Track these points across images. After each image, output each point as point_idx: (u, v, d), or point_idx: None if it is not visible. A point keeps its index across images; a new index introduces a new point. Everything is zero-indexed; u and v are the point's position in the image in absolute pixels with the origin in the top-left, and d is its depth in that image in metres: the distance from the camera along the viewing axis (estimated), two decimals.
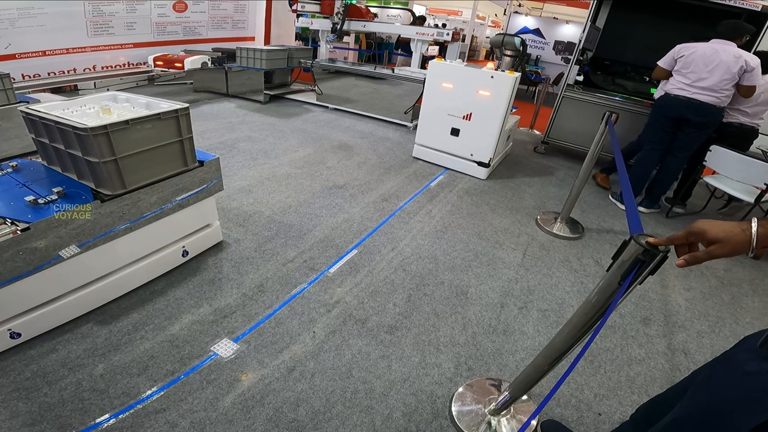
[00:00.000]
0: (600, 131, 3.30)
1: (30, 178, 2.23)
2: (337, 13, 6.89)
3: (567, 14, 14.76)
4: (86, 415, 1.72)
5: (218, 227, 2.95)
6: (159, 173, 2.34)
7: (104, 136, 1.97)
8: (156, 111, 2.22)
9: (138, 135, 2.14)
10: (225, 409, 1.82)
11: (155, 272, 2.58)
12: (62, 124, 2.01)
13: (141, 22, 7.11)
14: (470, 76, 4.38)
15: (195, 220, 2.74)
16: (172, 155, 2.39)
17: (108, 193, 2.11)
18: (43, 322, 2.11)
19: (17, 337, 2.04)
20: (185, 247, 2.72)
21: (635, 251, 1.11)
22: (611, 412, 2.03)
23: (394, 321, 2.44)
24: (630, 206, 1.47)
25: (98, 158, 2.00)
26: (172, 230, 2.60)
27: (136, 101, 2.54)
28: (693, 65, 3.82)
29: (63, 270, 2.06)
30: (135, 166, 2.18)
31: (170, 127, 2.31)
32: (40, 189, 2.10)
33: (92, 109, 2.36)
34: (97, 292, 2.28)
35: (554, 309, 2.71)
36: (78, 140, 2.00)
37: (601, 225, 3.96)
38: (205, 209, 2.77)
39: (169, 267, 2.66)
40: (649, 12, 5.54)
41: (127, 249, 2.35)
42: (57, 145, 2.16)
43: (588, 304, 1.33)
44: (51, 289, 2.09)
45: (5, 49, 5.57)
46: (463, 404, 1.96)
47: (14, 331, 2.01)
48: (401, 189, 4.17)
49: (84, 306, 2.26)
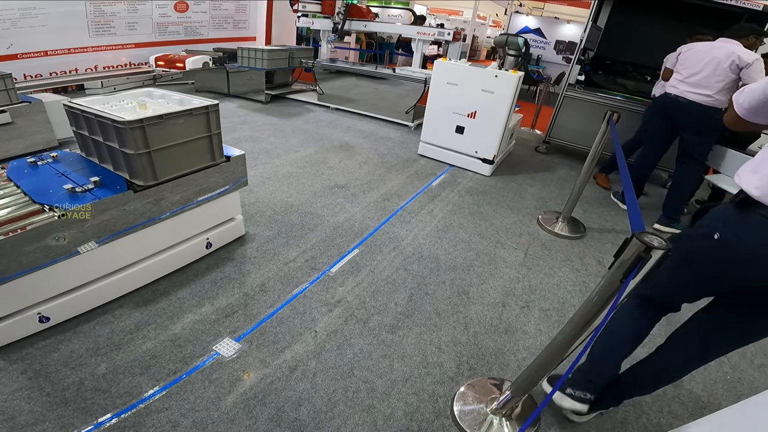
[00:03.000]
0: (601, 131, 3.30)
1: (69, 168, 2.37)
2: (338, 13, 6.89)
3: (568, 14, 14.74)
4: (88, 415, 1.73)
5: (241, 221, 3.05)
6: (188, 167, 2.46)
7: (140, 129, 2.10)
8: (188, 107, 2.36)
9: (170, 129, 2.26)
10: (227, 408, 1.82)
11: (181, 262, 2.68)
12: (102, 117, 2.15)
13: (142, 22, 7.13)
14: (475, 75, 4.40)
15: (219, 214, 2.85)
16: (201, 150, 2.52)
17: (141, 183, 2.23)
18: (72, 307, 2.21)
19: (46, 321, 2.13)
20: (209, 239, 2.82)
21: (637, 249, 1.11)
22: (613, 411, 2.02)
23: (396, 320, 2.43)
24: (631, 204, 1.47)
25: (134, 150, 2.12)
26: (198, 222, 2.71)
27: (170, 97, 2.67)
28: (688, 61, 3.75)
29: (93, 257, 2.17)
30: (166, 159, 2.29)
31: (200, 123, 2.43)
32: (78, 178, 2.22)
33: (130, 104, 2.51)
34: (125, 279, 2.39)
35: (556, 308, 2.71)
36: (116, 133, 2.13)
37: (602, 224, 3.95)
38: (230, 203, 2.88)
39: (193, 258, 2.76)
40: (651, 12, 5.53)
41: (156, 238, 2.46)
42: (96, 137, 2.30)
43: (590, 302, 1.33)
44: (82, 274, 2.19)
45: (7, 49, 5.59)
46: (464, 404, 1.96)
47: (44, 315, 2.10)
48: (402, 188, 4.17)
49: (113, 292, 2.36)
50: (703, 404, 2.14)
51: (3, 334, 2.00)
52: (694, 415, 2.05)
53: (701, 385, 2.25)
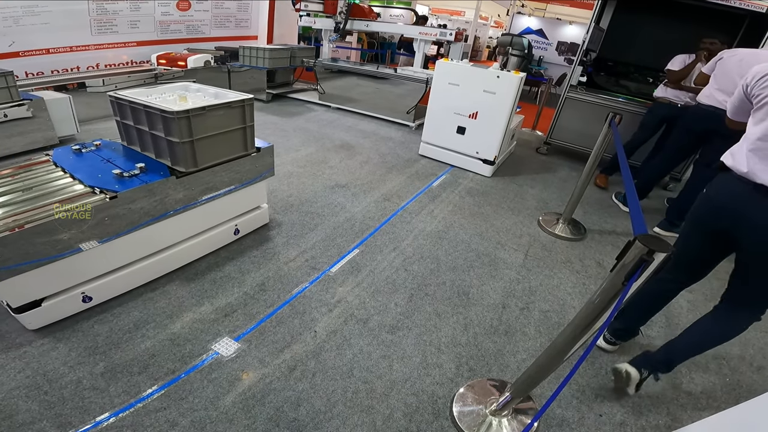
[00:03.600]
0: (603, 132, 3.29)
1: (112, 155, 2.54)
2: (341, 12, 6.89)
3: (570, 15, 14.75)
4: (86, 414, 1.72)
5: (266, 210, 3.22)
6: (224, 155, 2.64)
7: (185, 119, 2.28)
8: (226, 100, 2.54)
9: (211, 120, 2.45)
10: (225, 408, 1.82)
11: (212, 246, 2.86)
12: (150, 108, 2.32)
13: (144, 20, 7.12)
14: (476, 75, 4.40)
15: (247, 202, 3.03)
16: (236, 140, 2.70)
17: (182, 170, 2.40)
18: (112, 288, 2.35)
19: (88, 301, 2.27)
20: (237, 225, 2.99)
21: (639, 252, 1.11)
22: (612, 413, 2.02)
23: (396, 321, 2.43)
24: (634, 207, 1.46)
25: (179, 138, 2.30)
26: (229, 209, 2.88)
27: (207, 91, 2.84)
28: (728, 71, 3.46)
29: (136, 239, 2.32)
30: (206, 147, 2.48)
31: (237, 115, 2.62)
32: (124, 164, 2.39)
33: (171, 97, 2.69)
34: (163, 261, 2.56)
35: (556, 310, 2.70)
36: (163, 122, 2.31)
37: (602, 226, 3.94)
38: (257, 192, 3.07)
39: (222, 243, 2.93)
40: (654, 13, 5.51)
41: (192, 223, 2.65)
42: (141, 127, 2.46)
43: (591, 304, 1.33)
44: (126, 255, 2.35)
45: (9, 46, 5.59)
46: (464, 405, 1.96)
47: (87, 294, 2.24)
48: (403, 189, 4.16)
49: (149, 274, 2.51)
50: (702, 407, 2.13)
51: (52, 311, 2.13)
52: (693, 417, 2.05)
53: (700, 388, 2.24)
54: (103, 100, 6.12)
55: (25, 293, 2.03)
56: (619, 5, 5.59)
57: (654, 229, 3.94)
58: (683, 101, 4.31)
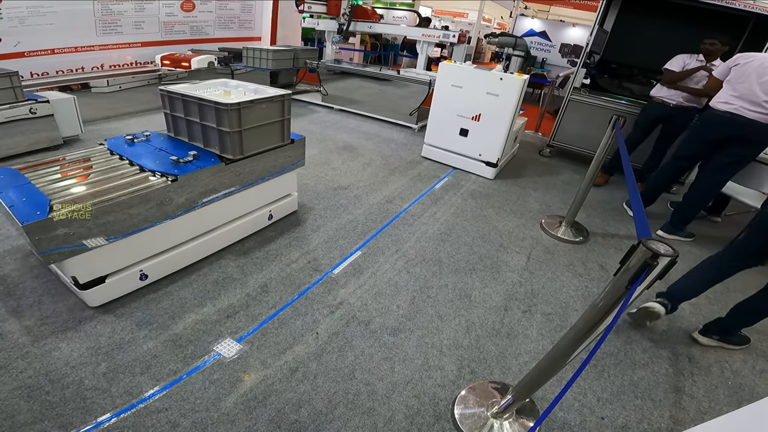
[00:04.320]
0: (606, 135, 3.28)
1: (163, 145, 2.75)
2: (344, 14, 6.88)
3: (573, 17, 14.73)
4: (88, 414, 1.72)
5: (296, 197, 3.46)
6: (265, 145, 2.89)
7: (236, 111, 2.52)
8: (268, 95, 2.78)
9: (256, 113, 2.69)
10: (227, 409, 1.82)
11: (250, 230, 3.11)
12: (204, 101, 2.55)
13: (149, 21, 7.15)
14: (479, 77, 4.40)
15: (280, 189, 3.26)
16: (275, 131, 2.96)
17: (230, 157, 2.64)
18: (165, 267, 2.56)
19: (145, 279, 2.46)
20: (271, 211, 3.23)
21: (643, 256, 1.10)
22: (614, 416, 2.02)
23: (398, 323, 2.43)
24: (638, 210, 1.46)
25: (229, 128, 2.54)
26: (265, 195, 3.13)
27: (246, 87, 3.04)
28: (745, 75, 3.36)
29: (189, 220, 2.54)
30: (251, 137, 2.72)
31: (277, 109, 2.87)
32: (177, 152, 2.59)
33: (217, 91, 2.89)
34: (209, 242, 2.79)
35: (558, 313, 2.69)
36: (216, 114, 2.54)
37: (605, 229, 3.93)
38: (289, 180, 3.31)
39: (258, 227, 3.17)
40: (657, 15, 5.50)
41: (235, 207, 2.88)
42: (192, 119, 2.70)
43: (594, 308, 1.32)
44: (178, 235, 2.57)
45: (14, 47, 5.61)
46: (465, 407, 1.95)
47: (144, 272, 2.44)
48: (406, 191, 4.16)
49: (199, 254, 2.75)
50: (704, 410, 2.13)
51: (113, 288, 2.32)
52: (695, 420, 2.04)
53: (702, 391, 2.24)
54: (107, 101, 6.16)
55: (93, 269, 2.20)
56: (623, 7, 5.58)
57: (657, 232, 3.94)
58: (675, 101, 4.30)
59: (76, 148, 4.25)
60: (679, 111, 4.34)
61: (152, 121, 5.43)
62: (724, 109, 3.48)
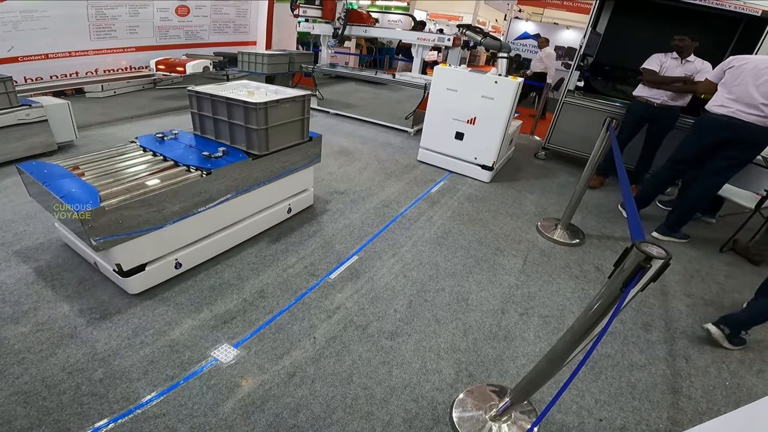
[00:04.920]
0: (600, 137, 3.30)
1: (191, 142, 2.98)
2: (339, 17, 6.90)
3: (567, 20, 14.79)
4: (85, 420, 1.72)
5: (312, 192, 3.67)
6: (287, 142, 3.11)
7: (264, 110, 2.74)
8: (290, 95, 3.01)
9: (280, 112, 2.91)
10: (225, 414, 1.81)
11: (271, 222, 3.30)
12: (233, 100, 2.76)
13: (143, 25, 7.14)
14: (474, 81, 4.42)
15: (299, 184, 3.47)
16: (296, 129, 3.18)
17: (257, 153, 2.85)
18: (196, 256, 2.73)
19: (179, 267, 2.62)
20: (290, 205, 3.43)
21: (637, 258, 1.11)
22: (612, 417, 2.02)
23: (395, 327, 2.43)
24: (631, 213, 1.47)
25: (256, 126, 2.75)
26: (284, 190, 3.32)
27: (267, 88, 3.25)
28: (741, 78, 3.36)
29: (218, 212, 2.73)
30: (276, 134, 2.93)
31: (298, 108, 3.11)
32: (207, 148, 2.80)
33: (241, 92, 3.03)
34: (235, 234, 2.97)
35: (555, 315, 2.70)
36: (244, 113, 2.76)
37: (601, 231, 3.95)
38: (306, 176, 3.52)
39: (278, 220, 3.37)
40: (650, 17, 5.53)
41: (259, 200, 3.08)
42: (219, 117, 2.91)
43: (589, 310, 1.33)
44: (209, 226, 2.75)
45: (8, 51, 5.59)
46: (464, 410, 1.95)
47: (179, 261, 2.59)
48: (402, 195, 4.17)
49: (226, 244, 2.94)
50: (702, 410, 2.14)
51: (151, 276, 2.48)
52: (694, 421, 2.05)
53: (700, 392, 2.25)
54: (101, 106, 6.15)
55: (136, 257, 2.36)
56: (616, 9, 5.62)
57: (652, 234, 3.96)
58: (660, 100, 4.34)
59: (72, 153, 4.25)
60: (664, 110, 4.39)
61: (148, 125, 5.43)
62: (720, 112, 3.50)
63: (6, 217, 3.04)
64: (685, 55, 4.28)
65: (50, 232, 2.92)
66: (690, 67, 4.26)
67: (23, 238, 2.83)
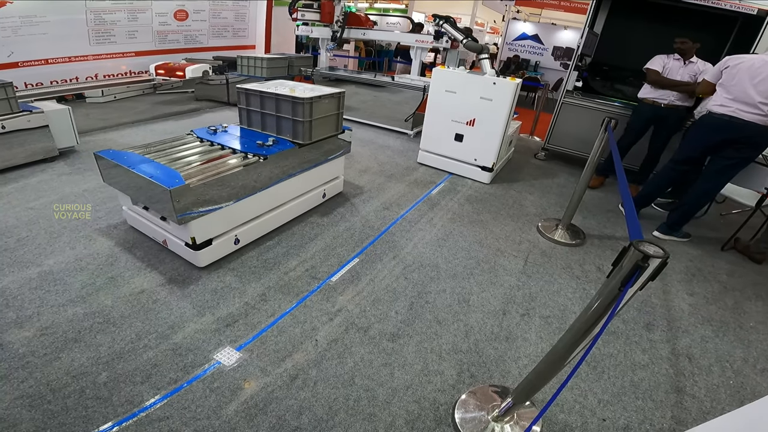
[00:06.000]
0: (599, 137, 3.31)
1: (241, 133, 3.39)
2: (337, 21, 6.91)
3: (565, 20, 14.80)
4: (90, 423, 1.73)
5: (342, 180, 4.05)
6: (325, 133, 3.50)
7: (309, 104, 3.14)
8: (327, 92, 3.38)
9: (322, 106, 3.31)
10: (228, 417, 1.82)
11: (309, 206, 3.68)
12: (282, 96, 3.18)
13: (142, 30, 7.17)
14: (473, 82, 4.43)
15: (332, 172, 3.84)
16: (332, 123, 3.57)
17: (301, 142, 3.25)
18: (251, 233, 3.09)
19: (237, 243, 2.98)
20: (325, 190, 3.80)
21: (635, 257, 1.12)
22: (615, 417, 2.03)
23: (396, 329, 2.44)
24: (630, 212, 1.48)
25: (303, 118, 3.17)
26: (321, 176, 3.69)
27: (304, 86, 3.59)
28: (738, 78, 3.39)
29: (270, 194, 3.11)
30: (317, 126, 3.33)
31: (335, 103, 3.53)
32: (259, 138, 3.19)
33: (284, 89, 3.33)
34: (282, 214, 3.35)
35: (556, 315, 2.71)
36: (292, 107, 3.17)
37: (602, 231, 3.96)
38: (338, 165, 3.90)
39: (315, 204, 3.75)
40: (646, 17, 5.55)
41: (302, 184, 3.46)
42: (267, 112, 3.32)
43: (589, 310, 1.34)
44: (262, 206, 3.11)
45: (8, 57, 5.61)
46: (466, 411, 1.96)
47: (237, 237, 2.96)
48: (402, 197, 4.18)
49: (275, 222, 3.32)
50: (706, 409, 2.14)
51: (215, 250, 2.82)
52: (698, 420, 2.06)
53: (704, 391, 2.25)
54: (102, 111, 6.16)
55: (207, 232, 2.72)
56: (613, 10, 5.65)
57: (653, 233, 3.96)
58: (667, 101, 4.35)
59: (73, 159, 4.26)
60: (671, 111, 4.38)
61: (150, 130, 5.43)
62: (721, 112, 3.50)
63: (9, 222, 3.05)
64: (688, 57, 4.30)
65: (53, 239, 2.93)
66: (693, 68, 4.27)
67: (26, 244, 2.84)
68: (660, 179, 4.16)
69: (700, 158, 3.86)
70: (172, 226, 2.71)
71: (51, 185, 3.68)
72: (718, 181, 3.72)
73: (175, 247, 2.82)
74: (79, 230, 3.06)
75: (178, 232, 2.70)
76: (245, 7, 8.66)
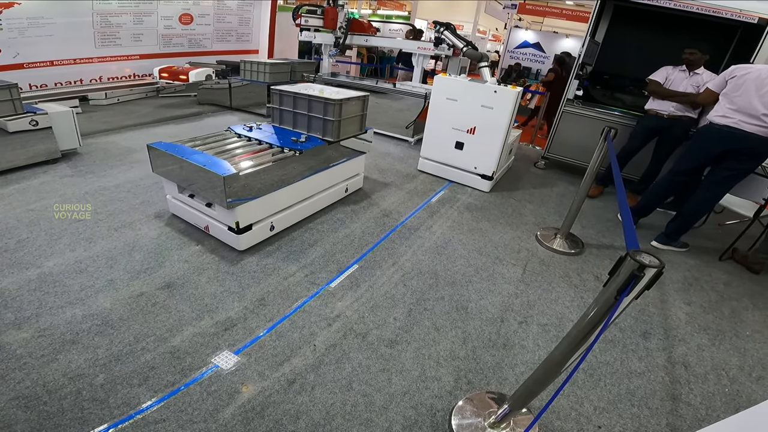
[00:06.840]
0: (599, 147, 3.32)
1: (275, 131, 3.69)
2: (340, 27, 6.96)
3: (567, 28, 14.89)
4: (85, 425, 1.73)
5: (362, 176, 4.34)
6: (351, 132, 3.82)
7: (339, 105, 3.46)
8: (353, 95, 3.68)
9: (349, 107, 3.63)
10: (225, 420, 1.82)
11: (333, 199, 3.96)
12: (315, 97, 3.51)
13: (147, 33, 7.20)
14: (474, 90, 4.45)
15: (353, 169, 4.12)
16: (357, 123, 3.89)
17: (331, 139, 3.56)
18: (284, 222, 3.36)
19: (272, 230, 3.25)
20: (347, 185, 4.08)
21: (631, 267, 1.13)
22: (611, 425, 2.03)
23: (395, 335, 2.44)
24: (627, 222, 1.49)
25: (333, 118, 3.49)
26: (345, 172, 3.98)
27: (330, 89, 3.97)
28: (743, 88, 3.36)
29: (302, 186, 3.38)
30: (345, 125, 3.64)
31: (360, 105, 3.83)
32: (292, 135, 3.52)
33: (313, 90, 3.67)
34: (310, 205, 3.62)
35: (554, 323, 2.72)
36: (324, 107, 3.48)
37: (600, 240, 3.97)
38: (359, 162, 4.18)
39: (339, 197, 4.04)
40: (648, 26, 5.57)
41: (329, 178, 3.76)
42: (299, 111, 3.65)
43: (585, 318, 1.35)
44: (294, 197, 3.38)
45: (13, 58, 5.63)
46: (462, 417, 1.96)
47: (273, 224, 3.23)
48: (402, 204, 4.20)
49: (304, 213, 3.59)
50: (702, 417, 2.14)
51: (254, 235, 3.09)
52: (693, 427, 2.06)
53: (699, 398, 2.25)
54: (105, 114, 6.19)
55: (249, 217, 2.99)
56: (614, 19, 5.67)
57: (651, 243, 3.97)
58: (668, 111, 4.36)
59: (76, 161, 4.28)
60: (674, 121, 4.38)
61: (152, 134, 5.46)
62: (722, 122, 3.50)
63: (9, 224, 3.06)
64: (695, 68, 4.28)
65: (53, 240, 2.94)
66: (697, 80, 4.24)
67: (26, 245, 2.85)
68: (659, 189, 4.15)
69: (700, 169, 3.86)
70: (217, 212, 2.99)
71: (53, 186, 3.69)
72: (717, 191, 3.71)
73: (217, 232, 3.09)
74: (79, 233, 3.07)
75: (222, 218, 2.98)
76: (249, 12, 8.70)
